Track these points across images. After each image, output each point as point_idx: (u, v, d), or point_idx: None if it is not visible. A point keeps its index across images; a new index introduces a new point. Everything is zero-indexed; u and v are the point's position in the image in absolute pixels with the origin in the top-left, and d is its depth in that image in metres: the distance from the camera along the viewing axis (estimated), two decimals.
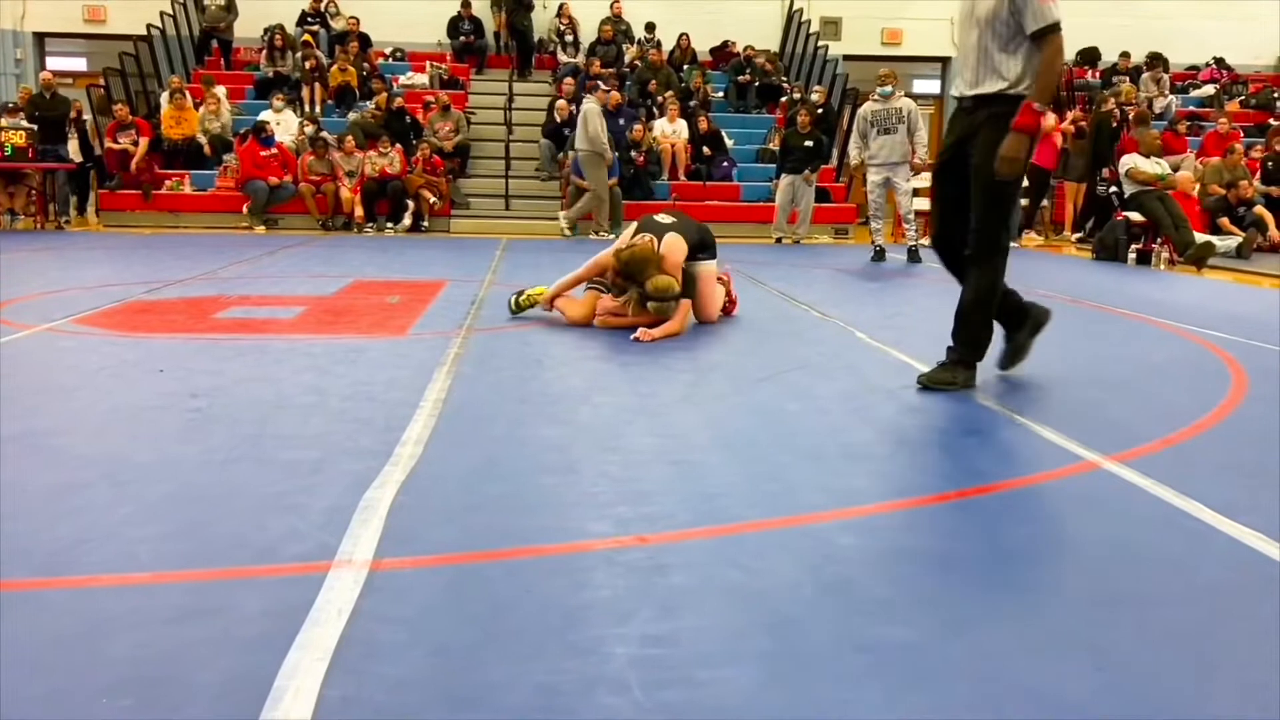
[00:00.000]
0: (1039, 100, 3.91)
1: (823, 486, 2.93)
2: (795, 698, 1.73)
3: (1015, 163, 3.90)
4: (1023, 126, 3.88)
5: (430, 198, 13.20)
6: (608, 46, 16.62)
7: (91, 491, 2.72)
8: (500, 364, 4.66)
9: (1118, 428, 3.66)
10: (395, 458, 3.01)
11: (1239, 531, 2.54)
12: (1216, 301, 7.89)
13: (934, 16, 18.41)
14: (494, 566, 2.29)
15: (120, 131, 13.28)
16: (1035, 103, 3.89)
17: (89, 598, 2.09)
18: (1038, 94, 3.92)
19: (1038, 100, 3.90)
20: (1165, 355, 5.38)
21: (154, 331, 5.27)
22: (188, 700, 1.68)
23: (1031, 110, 3.88)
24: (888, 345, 5.13)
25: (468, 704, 1.69)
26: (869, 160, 10.34)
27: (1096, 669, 1.85)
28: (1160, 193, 10.81)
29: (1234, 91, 17.83)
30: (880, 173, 10.26)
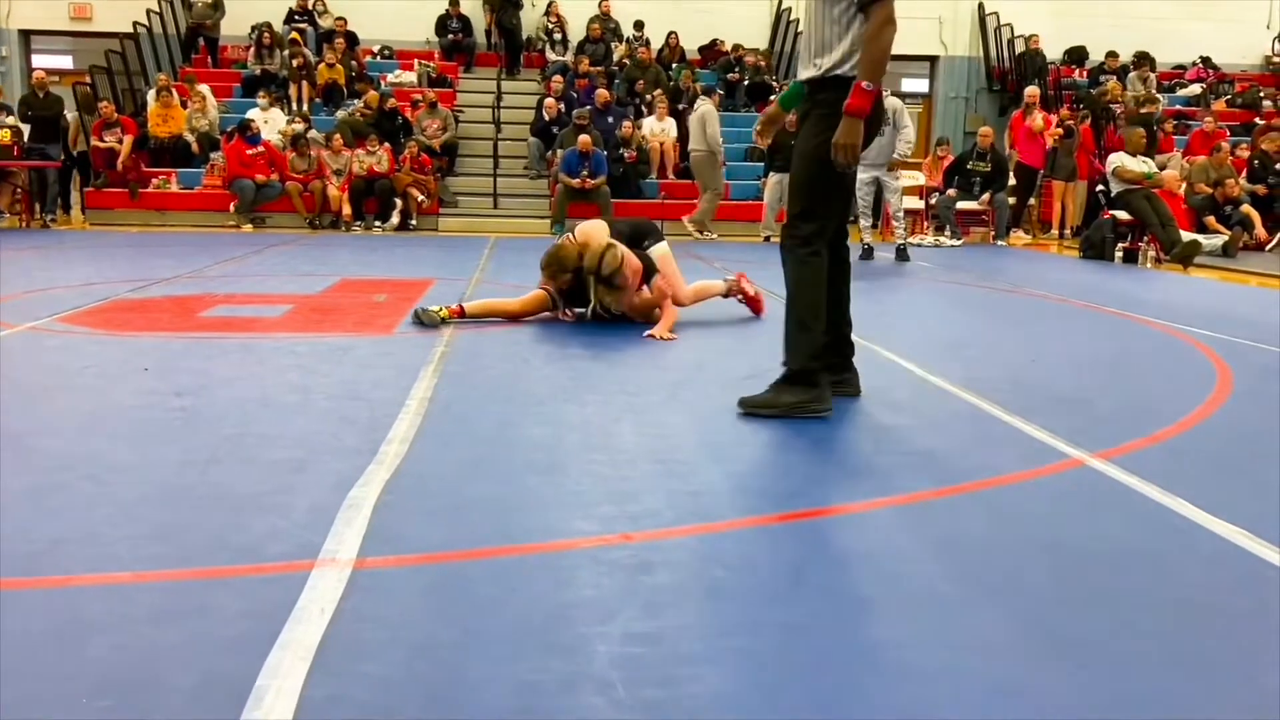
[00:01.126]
0: (867, 78, 3.50)
1: (808, 485, 2.93)
2: (778, 696, 1.73)
3: (850, 149, 3.53)
4: (854, 109, 3.50)
5: (418, 196, 13.17)
6: (596, 45, 16.60)
7: (72, 491, 2.70)
8: (487, 363, 4.65)
9: (1103, 425, 3.67)
10: (380, 456, 2.99)
11: (1224, 529, 2.55)
12: (1202, 300, 7.92)
13: (922, 15, 18.42)
14: (478, 565, 2.29)
15: (106, 130, 13.21)
16: (864, 82, 3.49)
17: (68, 598, 2.08)
18: (866, 71, 3.50)
19: (866, 79, 3.49)
20: (1151, 353, 5.40)
21: (139, 330, 5.25)
22: (168, 701, 1.67)
23: (861, 91, 3.49)
24: (875, 344, 5.13)
25: (450, 703, 1.68)
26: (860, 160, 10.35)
27: (1080, 666, 1.85)
28: (1147, 191, 10.85)
29: (1220, 91, 17.90)
30: (869, 172, 10.27)
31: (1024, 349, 5.62)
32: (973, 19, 18.65)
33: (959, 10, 18.63)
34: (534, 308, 5.63)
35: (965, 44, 18.79)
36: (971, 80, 18.79)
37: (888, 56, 3.53)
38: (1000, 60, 18.25)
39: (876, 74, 3.53)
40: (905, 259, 10.15)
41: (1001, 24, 18.10)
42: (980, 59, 18.72)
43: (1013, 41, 17.84)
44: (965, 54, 18.81)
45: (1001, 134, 14.64)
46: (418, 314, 5.39)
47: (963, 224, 12.97)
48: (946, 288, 8.39)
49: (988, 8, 18.40)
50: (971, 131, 15.92)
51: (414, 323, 5.36)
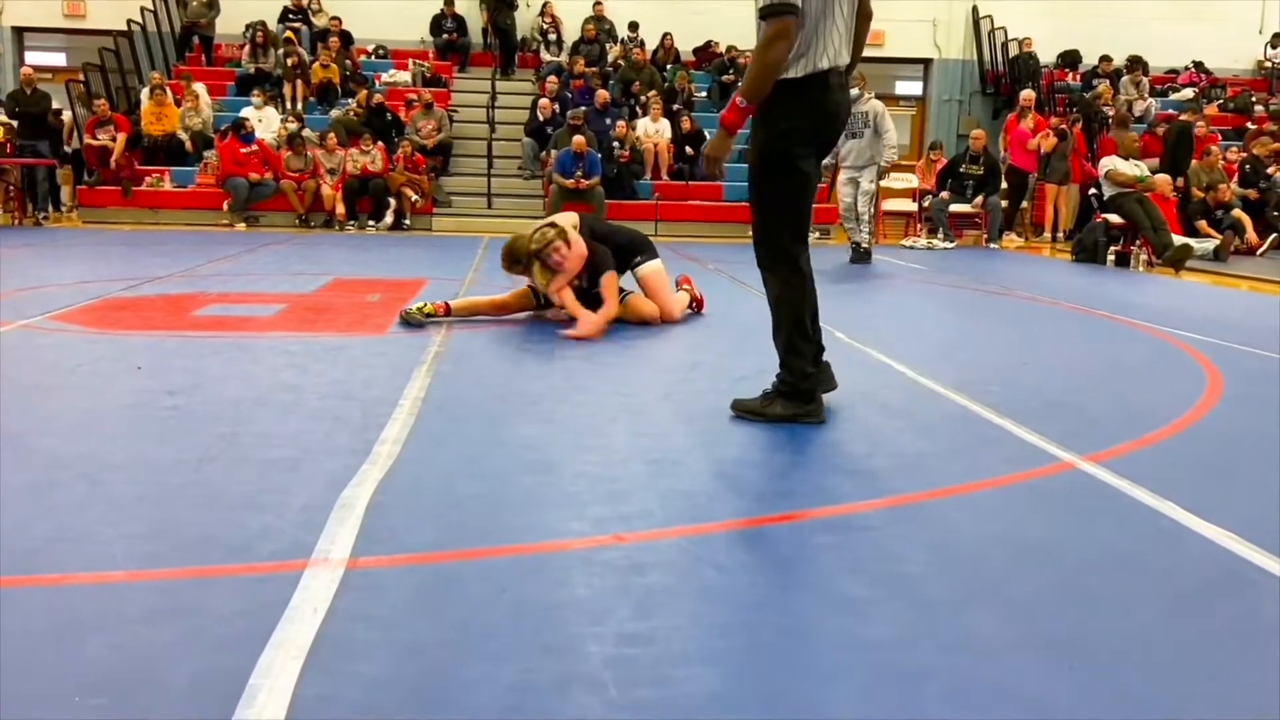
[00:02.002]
0: (744, 94, 3.35)
1: (799, 486, 2.94)
2: (769, 696, 1.74)
3: (714, 162, 3.48)
4: (725, 122, 3.41)
5: (412, 196, 13.16)
6: (591, 45, 16.62)
7: (66, 490, 2.70)
8: (480, 363, 4.66)
9: (1094, 428, 3.69)
10: (373, 456, 3.00)
11: (1213, 532, 2.56)
12: (1193, 303, 7.96)
13: (917, 18, 18.48)
14: (471, 566, 2.29)
15: (100, 127, 13.19)
16: (739, 97, 3.37)
17: (62, 596, 2.08)
18: (744, 86, 3.37)
19: (743, 94, 3.36)
20: (1142, 356, 5.42)
21: (132, 329, 5.24)
22: (162, 699, 1.67)
23: (734, 105, 3.37)
24: (867, 346, 5.15)
25: (443, 703, 1.68)
26: (841, 163, 10.41)
27: (1070, 668, 1.86)
28: (1139, 195, 10.89)
29: (1212, 95, 17.97)
30: (848, 174, 10.33)
31: (1015, 352, 5.64)
32: (967, 22, 18.70)
33: (953, 13, 18.67)
34: (517, 304, 5.64)
35: (959, 47, 18.84)
36: (965, 83, 18.83)
37: (771, 74, 3.32)
38: (994, 63, 18.30)
39: (753, 90, 3.35)
40: (865, 261, 10.16)
41: (995, 27, 18.14)
42: (974, 62, 18.77)
43: (1006, 45, 17.89)
44: (959, 57, 18.86)
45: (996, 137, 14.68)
46: (404, 315, 5.41)
47: (955, 226, 13.00)
48: (938, 290, 8.41)
49: (982, 11, 18.45)
50: (965, 134, 15.94)
51: (401, 324, 5.36)
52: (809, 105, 3.40)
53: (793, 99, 3.38)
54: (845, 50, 3.48)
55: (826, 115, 3.47)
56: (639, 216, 13.36)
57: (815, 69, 3.37)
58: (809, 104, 3.40)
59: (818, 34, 3.36)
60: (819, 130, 3.47)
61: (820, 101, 3.42)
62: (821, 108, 3.43)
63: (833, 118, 3.51)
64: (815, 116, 3.44)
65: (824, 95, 3.42)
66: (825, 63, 3.39)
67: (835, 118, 3.52)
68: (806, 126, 3.43)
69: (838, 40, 3.41)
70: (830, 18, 3.38)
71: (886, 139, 10.16)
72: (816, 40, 3.36)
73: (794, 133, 3.42)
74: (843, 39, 3.45)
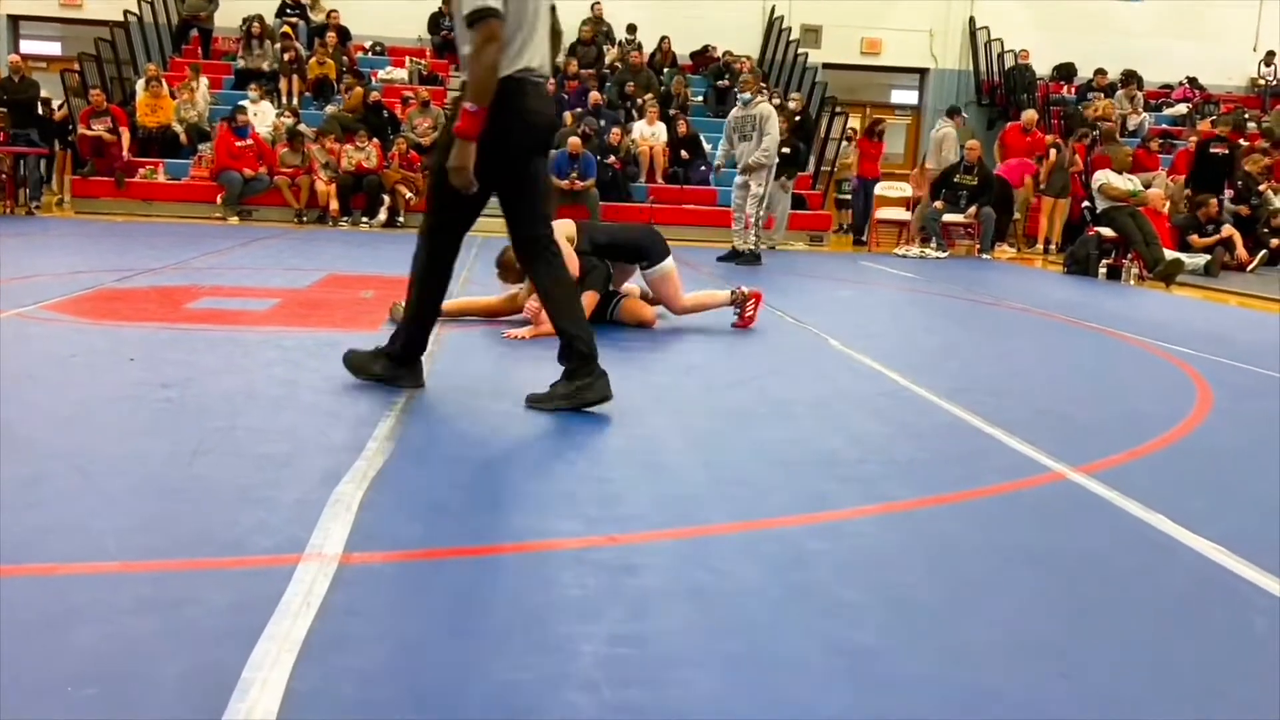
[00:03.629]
0: (470, 99, 3.43)
1: (792, 491, 2.95)
2: (761, 700, 1.74)
3: (460, 173, 3.48)
4: (459, 132, 3.45)
5: (406, 193, 13.14)
6: (588, 47, 16.62)
7: (58, 481, 2.69)
8: (474, 361, 4.66)
9: (1085, 439, 3.71)
10: (367, 452, 3.00)
11: (1202, 545, 2.58)
12: (1184, 318, 8.00)
13: (914, 27, 18.56)
14: (463, 563, 2.29)
15: (95, 118, 13.14)
16: (468, 104, 3.43)
17: (54, 587, 2.08)
18: (469, 91, 3.45)
19: (469, 100, 3.43)
20: (1133, 370, 5.44)
21: (125, 320, 5.23)
22: (153, 691, 1.67)
23: (465, 113, 3.43)
24: (860, 353, 5.16)
25: (435, 699, 1.69)
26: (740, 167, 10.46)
27: (1061, 675, 1.87)
28: (1132, 209, 10.94)
29: (1206, 111, 18.06)
30: (742, 176, 10.39)
31: (1007, 362, 5.67)
32: (963, 33, 18.78)
33: (950, 24, 18.75)
34: (507, 308, 5.63)
35: (955, 57, 18.92)
36: (961, 94, 18.90)
37: (490, 75, 3.41)
38: (990, 74, 18.38)
39: (479, 93, 3.42)
40: (744, 261, 10.14)
41: (991, 39, 18.22)
42: (970, 73, 18.85)
43: (1002, 56, 17.96)
44: (955, 67, 18.93)
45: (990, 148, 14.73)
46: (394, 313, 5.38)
47: (948, 236, 13.04)
48: (931, 299, 8.44)
49: (978, 22, 18.53)
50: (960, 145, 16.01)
51: (392, 321, 5.34)
52: (501, 108, 3.49)
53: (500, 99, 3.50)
54: (546, 58, 3.68)
55: (518, 116, 3.57)
56: (633, 219, 13.37)
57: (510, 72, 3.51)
58: (501, 107, 3.49)
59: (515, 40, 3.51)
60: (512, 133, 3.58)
61: (513, 105, 3.54)
62: (514, 110, 3.55)
63: (524, 119, 3.60)
64: (506, 117, 3.52)
65: (519, 99, 3.55)
66: (519, 65, 3.54)
67: (529, 119, 3.61)
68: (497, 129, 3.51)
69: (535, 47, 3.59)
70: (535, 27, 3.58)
71: (765, 141, 10.16)
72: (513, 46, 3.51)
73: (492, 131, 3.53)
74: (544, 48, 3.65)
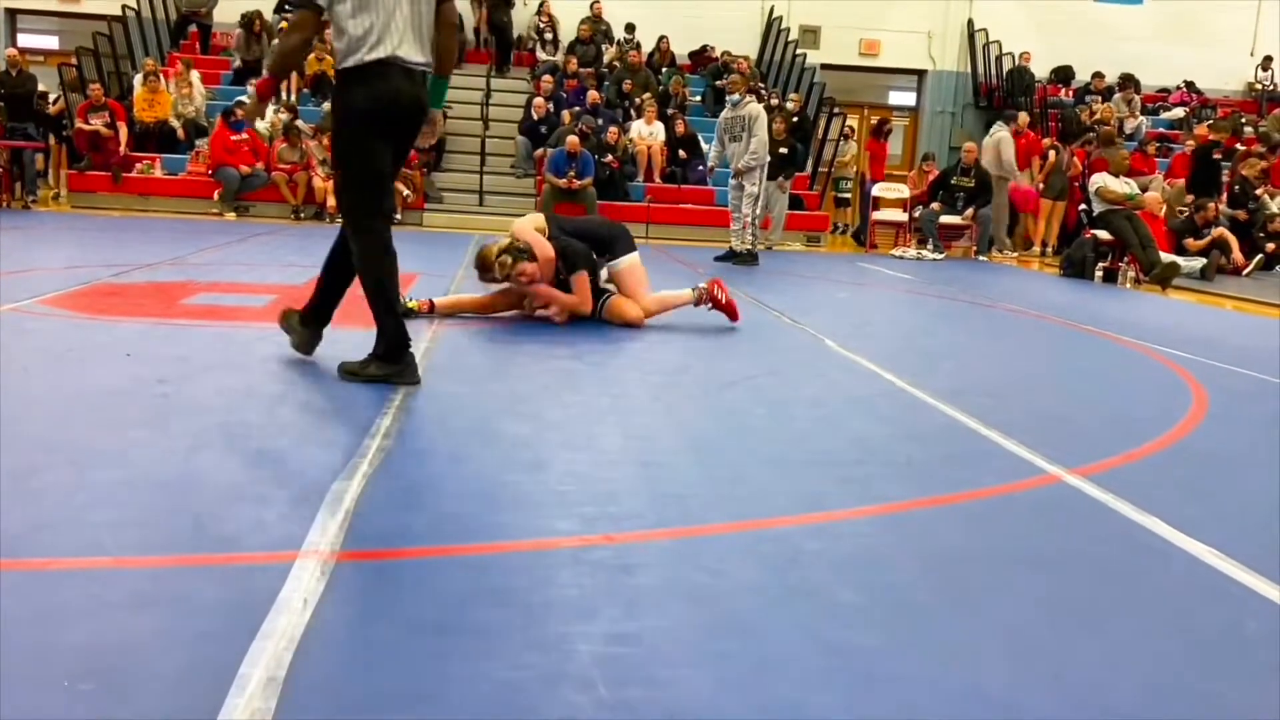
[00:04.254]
0: (267, 70, 4.14)
1: (788, 492, 2.95)
2: (755, 698, 1.74)
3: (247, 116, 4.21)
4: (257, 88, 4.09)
5: (404, 190, 13.13)
6: (586, 46, 16.61)
7: (53, 475, 2.69)
8: (471, 359, 4.66)
9: (1080, 442, 3.71)
10: (363, 450, 2.99)
11: (1196, 548, 2.59)
12: (1180, 321, 8.01)
13: (912, 29, 18.57)
14: (459, 561, 2.30)
15: (93, 113, 13.12)
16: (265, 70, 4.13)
17: (48, 581, 2.07)
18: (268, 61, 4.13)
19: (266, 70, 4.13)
20: (1128, 372, 5.45)
21: (121, 315, 5.22)
22: (150, 686, 1.67)
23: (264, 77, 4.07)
24: (857, 354, 5.17)
25: (431, 698, 1.69)
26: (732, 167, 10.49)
27: (1054, 677, 1.88)
28: (1128, 212, 10.95)
29: (1203, 115, 18.08)
30: (735, 177, 10.40)
31: (1003, 364, 5.68)
32: (961, 35, 18.79)
33: (948, 26, 18.76)
34: (503, 304, 5.64)
35: (953, 59, 18.93)
36: (959, 95, 18.93)
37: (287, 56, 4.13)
38: (988, 77, 18.39)
39: (273, 66, 4.14)
40: (740, 262, 10.14)
41: (990, 41, 18.23)
42: (968, 75, 18.86)
43: (1000, 59, 17.98)
44: (953, 69, 18.95)
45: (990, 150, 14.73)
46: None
47: (945, 238, 13.05)
48: (928, 300, 8.45)
49: (976, 24, 18.55)
50: (957, 146, 16.02)
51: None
52: (367, 92, 3.78)
53: (353, 86, 3.81)
54: (418, 50, 3.86)
55: (385, 101, 3.80)
56: (631, 218, 13.34)
57: (372, 59, 3.75)
58: (367, 91, 3.78)
59: (373, 30, 3.74)
60: (379, 114, 3.81)
61: (378, 89, 3.79)
62: (379, 94, 3.79)
63: (391, 103, 3.82)
64: (373, 101, 3.79)
65: (382, 83, 3.79)
66: (382, 53, 3.75)
67: (395, 104, 3.82)
68: (367, 110, 3.80)
69: (397, 38, 3.77)
70: (395, 18, 3.77)
71: (753, 143, 10.17)
72: (372, 34, 3.74)
73: (356, 116, 3.82)
74: (414, 39, 3.84)
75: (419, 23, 3.85)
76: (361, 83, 3.78)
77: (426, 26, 3.89)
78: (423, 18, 3.87)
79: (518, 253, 5.31)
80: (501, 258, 5.32)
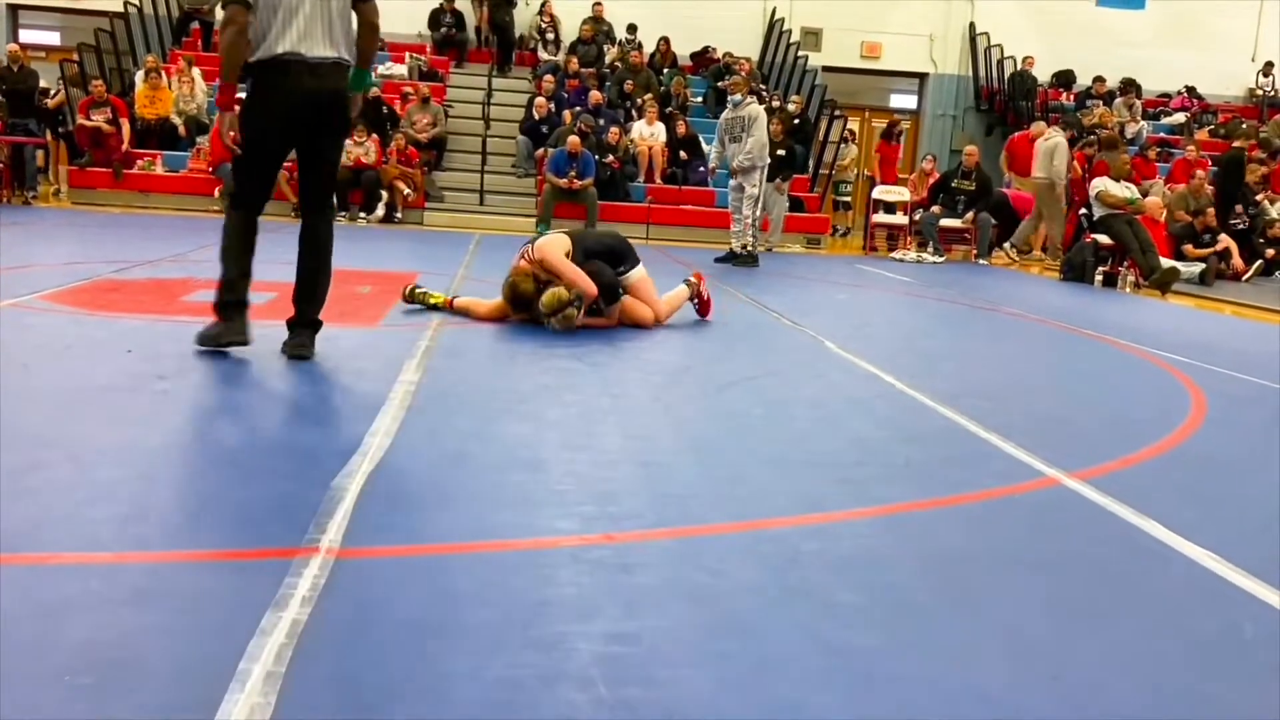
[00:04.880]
0: (220, 76, 4.08)
1: (788, 492, 2.96)
2: (754, 698, 1.75)
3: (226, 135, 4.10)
4: (217, 104, 4.20)
5: (404, 189, 13.14)
6: (588, 46, 16.62)
7: (53, 471, 2.69)
8: (471, 359, 4.66)
9: (1080, 445, 3.72)
10: (364, 447, 3.00)
11: (1194, 551, 2.59)
12: (1179, 326, 8.02)
13: (914, 32, 18.58)
14: (459, 559, 2.30)
15: (94, 109, 13.11)
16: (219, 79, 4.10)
17: (47, 576, 2.08)
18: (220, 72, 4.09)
19: (219, 76, 4.10)
20: (1128, 377, 5.46)
21: (122, 311, 5.22)
22: (149, 681, 1.68)
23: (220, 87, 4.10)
24: (856, 356, 5.17)
25: (431, 694, 1.69)
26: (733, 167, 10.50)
27: (1053, 678, 1.88)
28: (1129, 217, 10.96)
29: (1204, 120, 18.11)
30: (735, 178, 10.40)
31: (1002, 367, 5.68)
32: (963, 38, 18.80)
33: (949, 29, 18.77)
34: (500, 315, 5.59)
35: (955, 63, 18.94)
36: (960, 98, 18.93)
37: (228, 54, 4.03)
38: (989, 80, 18.41)
39: (222, 70, 4.06)
40: (741, 263, 10.15)
41: (991, 44, 18.25)
42: (969, 78, 18.87)
43: (1002, 62, 17.99)
44: (954, 72, 18.96)
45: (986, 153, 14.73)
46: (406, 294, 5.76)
47: (945, 241, 13.06)
48: (927, 303, 8.45)
49: (978, 28, 18.56)
50: (958, 150, 16.04)
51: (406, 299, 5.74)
52: (266, 86, 4.03)
53: (256, 80, 4.05)
54: (325, 44, 4.02)
55: (281, 95, 4.01)
56: (631, 219, 13.37)
57: (271, 55, 3.95)
58: (266, 85, 4.03)
59: (273, 27, 3.94)
60: (274, 108, 4.04)
61: (276, 83, 4.00)
62: (277, 88, 4.01)
63: (287, 98, 4.02)
64: (270, 95, 4.03)
65: (280, 79, 3.98)
66: (281, 49, 3.94)
67: (292, 98, 4.02)
68: (262, 103, 4.05)
69: (296, 34, 3.95)
70: (296, 16, 3.95)
71: (750, 144, 10.17)
72: (273, 31, 3.94)
73: (255, 108, 4.07)
74: (321, 34, 4.01)
75: (327, 18, 4.01)
76: (262, 77, 4.01)
77: (338, 20, 4.05)
78: (332, 14, 4.03)
79: (572, 304, 5.14)
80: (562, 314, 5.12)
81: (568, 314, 5.13)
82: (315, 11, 3.99)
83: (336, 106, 4.12)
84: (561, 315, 5.13)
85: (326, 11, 4.02)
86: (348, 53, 4.12)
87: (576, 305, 5.15)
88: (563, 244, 5.41)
